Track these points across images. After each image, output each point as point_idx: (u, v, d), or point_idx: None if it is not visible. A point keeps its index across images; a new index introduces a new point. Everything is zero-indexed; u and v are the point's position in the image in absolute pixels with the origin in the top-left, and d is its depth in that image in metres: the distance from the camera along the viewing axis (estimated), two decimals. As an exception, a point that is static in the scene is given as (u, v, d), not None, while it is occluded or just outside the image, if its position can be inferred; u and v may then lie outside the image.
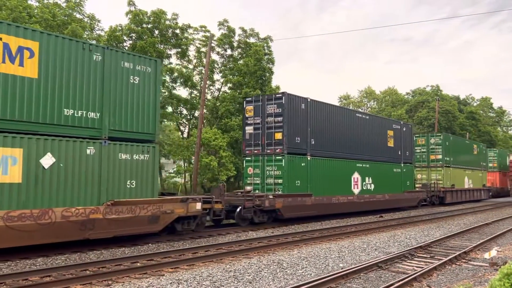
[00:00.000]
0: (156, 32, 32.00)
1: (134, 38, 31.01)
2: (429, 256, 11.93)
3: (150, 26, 31.49)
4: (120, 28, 30.51)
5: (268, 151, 19.69)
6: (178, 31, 33.05)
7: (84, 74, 12.24)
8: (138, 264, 10.32)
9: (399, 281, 8.66)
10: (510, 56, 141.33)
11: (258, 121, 20.23)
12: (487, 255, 12.29)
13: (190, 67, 34.73)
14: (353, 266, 9.97)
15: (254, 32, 35.37)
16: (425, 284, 8.90)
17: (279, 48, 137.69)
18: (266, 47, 34.99)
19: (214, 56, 34.78)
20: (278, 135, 19.43)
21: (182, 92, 42.62)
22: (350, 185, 23.12)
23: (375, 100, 75.63)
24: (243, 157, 21.07)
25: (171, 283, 8.62)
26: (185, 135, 35.66)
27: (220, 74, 36.01)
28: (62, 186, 11.45)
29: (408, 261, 11.25)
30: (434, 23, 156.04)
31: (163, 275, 9.39)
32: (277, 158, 19.35)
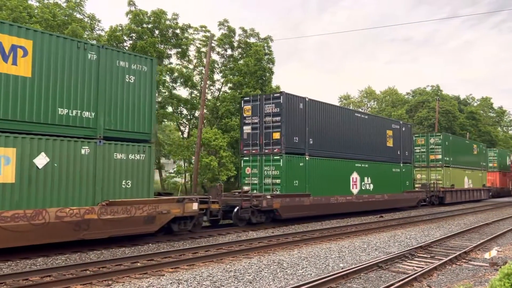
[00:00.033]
0: (156, 32, 32.02)
1: (134, 38, 31.03)
2: (429, 256, 11.93)
3: (150, 26, 31.51)
4: (120, 28, 30.53)
5: (266, 151, 19.59)
6: (178, 31, 33.07)
7: (78, 73, 12.09)
8: (138, 264, 10.32)
9: (399, 281, 8.67)
10: (510, 56, 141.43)
11: (256, 120, 20.12)
12: (487, 255, 12.29)
13: (190, 67, 34.74)
14: (353, 266, 9.97)
15: (254, 32, 35.37)
16: (425, 284, 8.90)
17: (279, 48, 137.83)
18: (266, 47, 34.97)
19: (214, 56, 34.82)
20: (276, 135, 19.33)
21: (182, 92, 42.83)
22: (349, 185, 23.04)
23: (375, 100, 75.67)
24: (240, 157, 20.98)
25: (171, 283, 8.62)
26: (185, 135, 35.64)
27: (220, 74, 36.04)
28: (56, 186, 11.31)
29: (408, 261, 11.25)
30: (434, 23, 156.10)
31: (163, 275, 9.39)
32: (275, 158, 19.27)
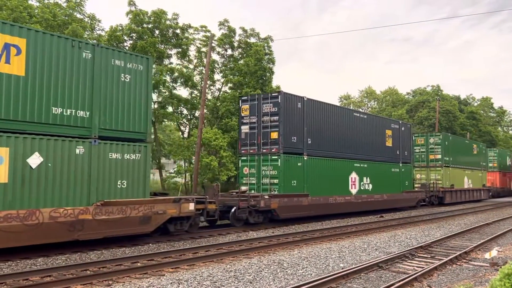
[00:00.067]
0: (157, 32, 32.04)
1: (134, 38, 31.05)
2: (429, 256, 11.93)
3: (150, 26, 31.54)
4: (120, 28, 30.55)
5: (264, 150, 19.44)
6: (178, 31, 33.09)
7: (73, 72, 11.95)
8: (139, 264, 10.32)
9: (399, 281, 8.66)
10: (510, 56, 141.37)
11: (254, 120, 19.95)
12: (487, 255, 12.29)
13: (190, 67, 34.76)
14: (353, 266, 9.97)
15: (254, 32, 35.39)
16: (425, 284, 8.89)
17: (280, 48, 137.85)
18: (266, 47, 34.98)
19: (215, 56, 34.83)
20: (274, 135, 19.19)
21: (183, 92, 42.87)
22: (348, 185, 22.90)
23: (375, 100, 75.67)
24: (238, 156, 20.81)
25: (171, 283, 8.62)
26: (185, 135, 35.66)
27: (220, 74, 36.05)
28: (50, 186, 11.17)
29: (408, 261, 11.25)
30: (434, 23, 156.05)
31: (164, 275, 9.39)
32: (273, 157, 19.13)
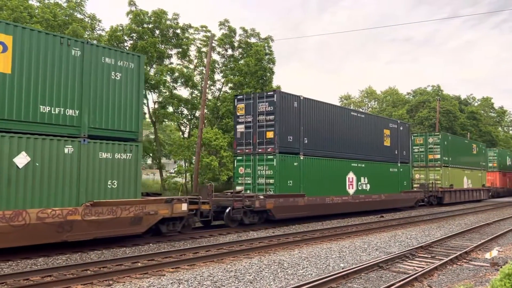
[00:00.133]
0: (157, 32, 32.05)
1: (135, 38, 31.06)
2: (430, 256, 11.92)
3: (151, 26, 31.54)
4: (121, 28, 30.56)
5: (260, 150, 19.17)
6: (179, 31, 33.10)
7: (62, 70, 11.73)
8: (139, 264, 10.32)
9: (400, 281, 8.66)
10: (511, 56, 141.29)
11: (250, 119, 19.66)
12: (488, 255, 12.28)
13: (191, 67, 34.79)
14: (354, 266, 9.97)
15: (255, 32, 35.39)
16: (426, 284, 8.89)
17: (280, 48, 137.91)
18: (266, 47, 34.97)
19: (215, 56, 34.84)
20: (270, 134, 18.95)
21: (183, 92, 42.87)
22: (345, 185, 22.68)
23: (376, 100, 75.65)
24: (234, 156, 20.52)
25: (172, 283, 8.62)
26: (185, 135, 35.67)
27: (221, 74, 36.07)
28: (37, 187, 10.95)
29: (409, 261, 11.25)
30: (434, 23, 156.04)
31: (164, 275, 9.40)
32: (268, 157, 18.90)
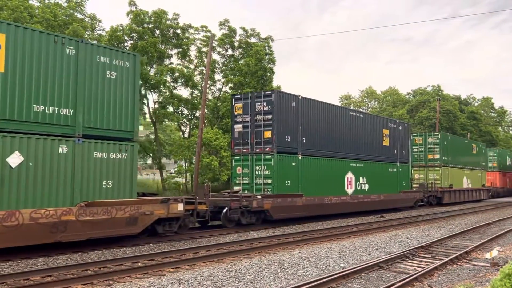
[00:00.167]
0: (157, 32, 32.07)
1: (135, 38, 31.08)
2: (430, 256, 11.92)
3: (151, 26, 31.57)
4: (121, 28, 30.57)
5: (257, 150, 19.02)
6: (179, 31, 33.12)
7: (56, 69, 11.61)
8: (139, 264, 10.32)
9: (400, 281, 8.66)
10: (511, 56, 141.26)
11: (247, 119, 19.50)
12: (488, 255, 12.28)
13: (191, 67, 34.81)
14: (354, 266, 9.96)
15: (255, 32, 35.40)
16: (426, 284, 8.89)
17: (280, 48, 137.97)
18: (267, 47, 34.97)
19: (215, 56, 34.86)
20: (268, 134, 18.82)
21: (183, 92, 42.85)
22: (344, 185, 22.54)
23: (376, 100, 75.63)
24: (231, 156, 20.41)
25: (172, 283, 8.62)
26: (186, 135, 35.69)
27: (221, 74, 36.08)
28: (31, 187, 10.84)
29: (409, 261, 11.25)
30: (434, 23, 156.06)
31: (164, 275, 9.40)
32: (266, 157, 18.73)
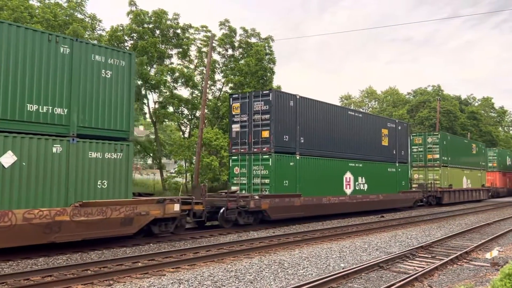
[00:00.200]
0: (157, 32, 32.08)
1: (135, 38, 31.09)
2: (430, 256, 11.92)
3: (151, 26, 31.58)
4: (121, 28, 30.59)
5: (255, 150, 18.91)
6: (179, 31, 33.13)
7: (50, 67, 11.50)
8: (140, 264, 10.32)
9: (400, 281, 8.66)
10: (511, 56, 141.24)
11: (245, 118, 19.39)
12: (488, 255, 12.27)
13: (191, 67, 34.81)
14: (354, 266, 9.97)
15: (255, 32, 35.40)
16: (426, 284, 8.89)
17: (280, 48, 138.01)
18: (267, 47, 34.97)
19: (215, 56, 34.86)
20: (265, 133, 18.72)
21: (183, 92, 42.81)
22: (342, 185, 22.44)
23: (376, 100, 75.63)
24: (229, 156, 20.29)
25: (172, 283, 8.62)
26: (186, 135, 35.69)
27: (221, 74, 36.09)
28: (24, 187, 10.72)
29: (409, 261, 11.24)
30: (434, 23, 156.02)
31: (164, 275, 9.40)
32: (264, 157, 18.62)
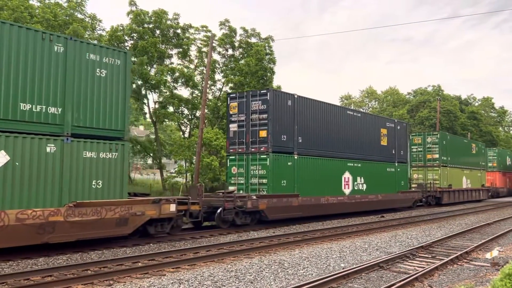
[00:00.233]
0: (158, 32, 32.06)
1: (135, 38, 31.08)
2: (430, 256, 11.92)
3: (151, 26, 31.56)
4: (121, 28, 30.58)
5: (253, 149, 18.81)
6: (179, 31, 33.12)
7: (44, 66, 11.44)
8: (140, 264, 10.33)
9: (400, 281, 8.66)
10: (511, 56, 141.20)
11: (243, 118, 19.31)
12: (488, 255, 12.27)
13: (191, 67, 34.80)
14: (354, 266, 9.97)
15: (255, 32, 35.36)
16: (426, 284, 8.89)
17: (280, 48, 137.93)
18: (267, 47, 34.94)
19: (216, 56, 34.84)
20: (263, 133, 18.60)
21: (184, 92, 42.79)
22: (341, 185, 22.35)
23: (376, 100, 75.60)
24: (226, 156, 20.21)
25: (172, 283, 8.62)
26: (186, 135, 35.69)
27: (221, 74, 36.07)
28: (17, 187, 10.65)
29: (409, 261, 11.24)
30: (434, 23, 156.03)
31: (165, 275, 9.40)
32: (261, 157, 18.55)
